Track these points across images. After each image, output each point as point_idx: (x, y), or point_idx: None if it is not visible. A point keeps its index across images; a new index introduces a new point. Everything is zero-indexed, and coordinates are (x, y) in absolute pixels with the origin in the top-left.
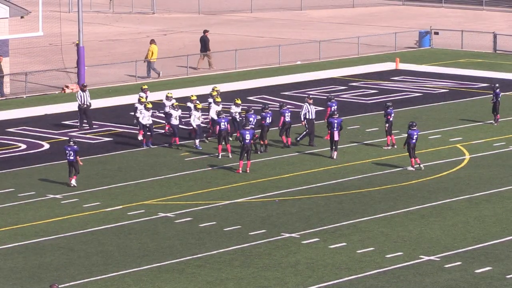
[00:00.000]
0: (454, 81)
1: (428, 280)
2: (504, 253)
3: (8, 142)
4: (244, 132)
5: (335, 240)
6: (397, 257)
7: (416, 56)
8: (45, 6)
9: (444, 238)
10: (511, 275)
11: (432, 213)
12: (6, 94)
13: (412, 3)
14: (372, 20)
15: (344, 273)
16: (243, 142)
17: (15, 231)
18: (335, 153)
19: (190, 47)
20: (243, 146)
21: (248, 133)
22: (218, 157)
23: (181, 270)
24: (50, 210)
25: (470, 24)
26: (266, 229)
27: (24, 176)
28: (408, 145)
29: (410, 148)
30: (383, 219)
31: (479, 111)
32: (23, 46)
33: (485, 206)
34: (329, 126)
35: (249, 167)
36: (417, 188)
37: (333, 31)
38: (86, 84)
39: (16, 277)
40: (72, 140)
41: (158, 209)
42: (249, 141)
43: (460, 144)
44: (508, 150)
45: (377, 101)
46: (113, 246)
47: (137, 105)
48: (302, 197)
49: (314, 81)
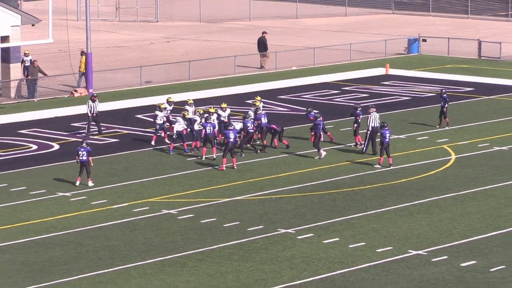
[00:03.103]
0: (441, 85)
1: (416, 273)
2: (488, 248)
3: (20, 143)
4: (228, 132)
5: (329, 236)
6: (387, 252)
7: (405, 62)
8: (54, 14)
9: (431, 233)
10: (494, 269)
11: (420, 210)
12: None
13: (401, 12)
14: (364, 28)
15: (337, 266)
16: (227, 141)
17: (27, 227)
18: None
19: (192, 53)
20: (227, 145)
21: (232, 132)
22: (202, 158)
23: (183, 263)
24: (59, 207)
25: (456, 32)
26: (263, 225)
27: (35, 175)
28: (382, 144)
29: (384, 147)
30: (374, 215)
31: (464, 114)
32: (33, 52)
33: (470, 203)
34: (314, 128)
35: (235, 163)
36: (406, 187)
37: (327, 38)
38: (96, 95)
39: (27, 270)
40: (84, 141)
41: (162, 206)
42: (233, 140)
43: (446, 145)
44: (492, 151)
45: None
46: (119, 241)
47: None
48: (297, 195)
49: (309, 86)
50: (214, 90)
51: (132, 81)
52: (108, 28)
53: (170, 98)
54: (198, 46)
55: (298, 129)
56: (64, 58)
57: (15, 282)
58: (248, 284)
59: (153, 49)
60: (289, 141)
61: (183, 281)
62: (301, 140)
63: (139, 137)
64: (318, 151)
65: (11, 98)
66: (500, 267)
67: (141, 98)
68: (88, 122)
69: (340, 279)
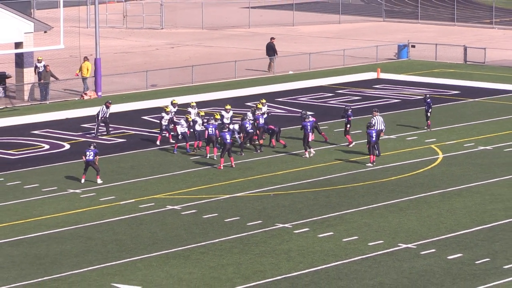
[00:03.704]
0: (429, 88)
1: (405, 265)
2: (473, 242)
3: (33, 143)
4: (224, 134)
5: (323, 230)
6: (378, 245)
7: (395, 66)
8: (66, 22)
9: (420, 228)
10: (479, 261)
11: (409, 206)
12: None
13: (392, 20)
14: (356, 35)
15: (331, 259)
16: (224, 142)
17: (39, 222)
18: (311, 150)
19: (195, 58)
20: (224, 145)
21: (227, 134)
22: (206, 157)
23: (186, 256)
24: (70, 203)
25: (443, 38)
26: (262, 220)
27: (47, 173)
28: (369, 143)
29: (371, 146)
30: (366, 211)
31: (451, 115)
32: (46, 57)
33: (456, 199)
34: (303, 128)
35: (233, 162)
36: (396, 184)
37: (322, 44)
38: (111, 102)
39: (40, 262)
40: (93, 144)
41: (166, 202)
42: (229, 141)
43: (434, 144)
44: (477, 150)
45: (361, 107)
46: (126, 235)
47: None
48: (294, 192)
49: (304, 89)
50: (216, 93)
51: (139, 85)
52: (116, 35)
53: (175, 100)
54: (201, 52)
55: (294, 130)
56: (74, 63)
57: (28, 274)
58: (248, 276)
59: (158, 54)
60: (286, 141)
61: (186, 272)
62: (297, 140)
63: (145, 138)
64: (305, 150)
65: (24, 101)
66: (485, 260)
67: (147, 101)
68: (97, 123)
69: (334, 271)
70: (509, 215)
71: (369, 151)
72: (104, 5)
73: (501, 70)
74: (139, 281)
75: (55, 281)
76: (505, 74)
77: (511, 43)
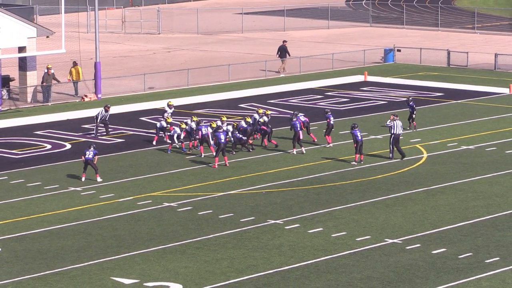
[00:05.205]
0: (414, 91)
1: (392, 259)
2: (457, 237)
3: (36, 143)
4: (219, 134)
5: (313, 226)
6: (365, 240)
7: (381, 69)
8: (67, 27)
9: (405, 224)
10: (462, 256)
11: (395, 202)
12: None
13: (378, 25)
14: (344, 39)
15: (321, 253)
16: (219, 142)
17: (42, 218)
18: (302, 149)
19: (190, 62)
20: (218, 145)
21: (222, 134)
22: (201, 156)
23: (182, 251)
24: (71, 200)
25: (428, 43)
26: (254, 217)
27: (49, 172)
28: (356, 143)
29: (358, 146)
30: (354, 208)
31: (435, 116)
32: (48, 61)
33: (440, 197)
34: (293, 127)
35: (227, 161)
36: (383, 182)
37: (311, 48)
38: (110, 106)
39: (42, 257)
40: (92, 145)
41: (163, 199)
42: (224, 141)
43: (419, 144)
44: (460, 150)
45: (348, 108)
46: (125, 231)
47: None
48: (285, 190)
49: (295, 91)
50: (211, 95)
51: (137, 87)
52: (115, 40)
53: (171, 102)
54: (196, 56)
55: (285, 130)
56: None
57: (31, 268)
58: (241, 270)
59: (155, 58)
60: (277, 141)
61: (182, 267)
62: (288, 140)
63: (143, 138)
64: (293, 147)
65: (27, 103)
66: (468, 254)
67: (144, 103)
68: (96, 124)
69: (324, 265)
70: (490, 212)
71: (356, 150)
72: (103, 11)
73: (482, 73)
74: (137, 275)
75: (57, 275)
76: (486, 77)
77: (492, 47)
